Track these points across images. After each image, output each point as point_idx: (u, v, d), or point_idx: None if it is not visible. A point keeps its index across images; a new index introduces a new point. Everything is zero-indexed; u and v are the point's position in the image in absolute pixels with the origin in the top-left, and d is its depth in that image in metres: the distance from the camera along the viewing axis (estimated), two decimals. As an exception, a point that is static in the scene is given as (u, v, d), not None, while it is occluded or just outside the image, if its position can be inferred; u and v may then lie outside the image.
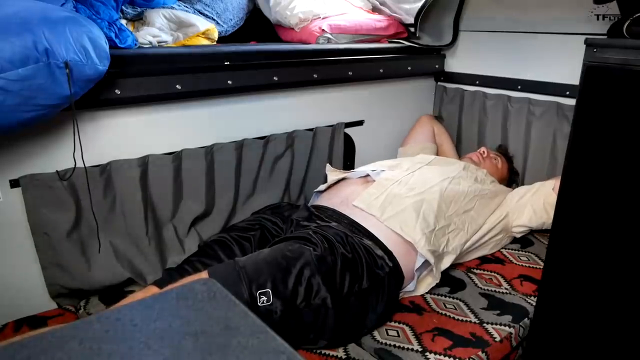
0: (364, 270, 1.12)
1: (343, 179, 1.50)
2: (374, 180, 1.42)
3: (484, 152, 1.76)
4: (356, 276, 1.10)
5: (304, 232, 1.15)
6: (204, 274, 1.00)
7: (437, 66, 1.99)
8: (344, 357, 1.06)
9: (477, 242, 1.43)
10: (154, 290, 1.10)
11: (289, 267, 1.02)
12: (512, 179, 1.82)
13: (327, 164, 1.61)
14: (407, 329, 1.14)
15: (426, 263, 1.25)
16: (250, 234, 1.27)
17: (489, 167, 1.70)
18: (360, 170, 1.51)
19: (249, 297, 0.96)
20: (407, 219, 1.26)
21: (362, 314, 1.10)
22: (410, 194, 1.34)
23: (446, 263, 1.31)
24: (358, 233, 1.23)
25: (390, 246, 1.21)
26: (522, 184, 1.77)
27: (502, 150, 1.84)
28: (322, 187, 1.52)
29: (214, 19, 1.65)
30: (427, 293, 1.28)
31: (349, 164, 1.80)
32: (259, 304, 0.97)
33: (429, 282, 1.29)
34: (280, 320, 0.99)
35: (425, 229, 1.26)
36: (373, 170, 1.47)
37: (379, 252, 1.18)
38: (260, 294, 0.98)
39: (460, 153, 1.94)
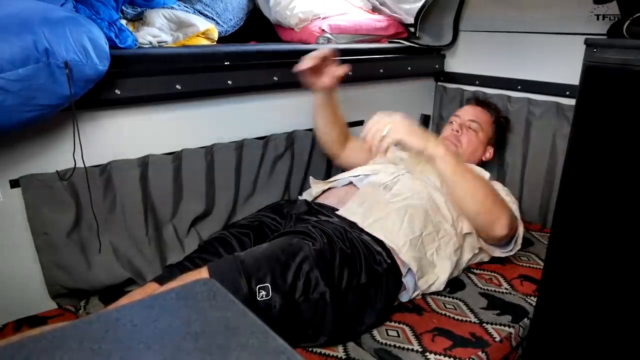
0: (362, 265, 1.12)
1: (328, 188, 1.47)
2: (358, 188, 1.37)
3: (457, 130, 1.56)
4: (354, 271, 1.10)
5: (303, 227, 1.15)
6: (203, 270, 1.00)
7: (437, 66, 1.99)
8: (343, 357, 1.06)
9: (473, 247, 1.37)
10: (153, 286, 1.10)
11: (288, 262, 1.03)
12: (500, 132, 1.66)
13: (311, 177, 1.56)
14: (407, 329, 1.14)
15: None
16: (249, 229, 1.27)
17: (468, 143, 1.55)
18: (343, 178, 1.46)
19: (248, 291, 0.97)
20: (390, 225, 1.23)
21: (360, 310, 1.10)
22: (395, 200, 1.29)
23: (444, 271, 1.26)
24: (357, 229, 1.23)
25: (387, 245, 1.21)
26: (522, 183, 1.77)
27: (478, 102, 1.66)
28: (306, 196, 1.49)
29: (214, 19, 1.65)
30: (426, 293, 1.28)
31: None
32: (258, 299, 0.98)
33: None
34: (279, 315, 0.99)
35: (409, 234, 1.21)
36: (356, 176, 1.42)
37: (378, 248, 1.18)
38: (259, 288, 0.98)
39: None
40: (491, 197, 1.25)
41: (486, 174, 1.48)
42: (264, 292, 0.98)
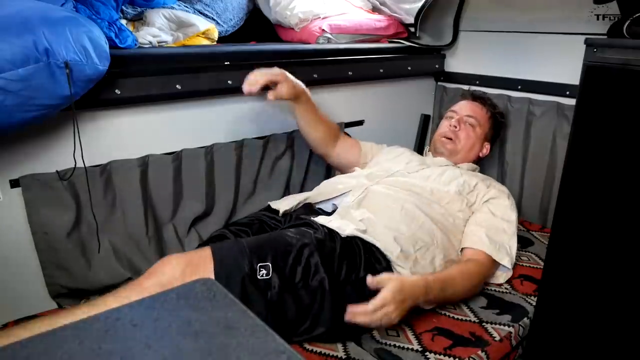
0: (362, 260, 1.13)
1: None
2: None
3: (455, 126, 1.54)
4: (354, 265, 1.11)
5: (304, 221, 1.17)
6: (207, 249, 1.00)
7: (437, 66, 1.99)
8: (344, 357, 1.06)
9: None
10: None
11: (290, 246, 1.05)
12: (496, 128, 1.64)
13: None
14: (406, 328, 1.14)
15: None
16: (249, 227, 1.28)
17: (466, 139, 1.54)
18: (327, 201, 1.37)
19: (249, 269, 0.98)
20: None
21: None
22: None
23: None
24: None
25: None
26: (522, 183, 1.77)
27: (475, 97, 1.64)
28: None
29: (214, 19, 1.65)
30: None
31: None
32: (258, 277, 0.99)
33: None
34: (277, 297, 1.00)
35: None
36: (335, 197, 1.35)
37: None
38: (260, 266, 0.99)
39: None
40: (476, 280, 1.24)
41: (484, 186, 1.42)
42: (264, 271, 0.99)
